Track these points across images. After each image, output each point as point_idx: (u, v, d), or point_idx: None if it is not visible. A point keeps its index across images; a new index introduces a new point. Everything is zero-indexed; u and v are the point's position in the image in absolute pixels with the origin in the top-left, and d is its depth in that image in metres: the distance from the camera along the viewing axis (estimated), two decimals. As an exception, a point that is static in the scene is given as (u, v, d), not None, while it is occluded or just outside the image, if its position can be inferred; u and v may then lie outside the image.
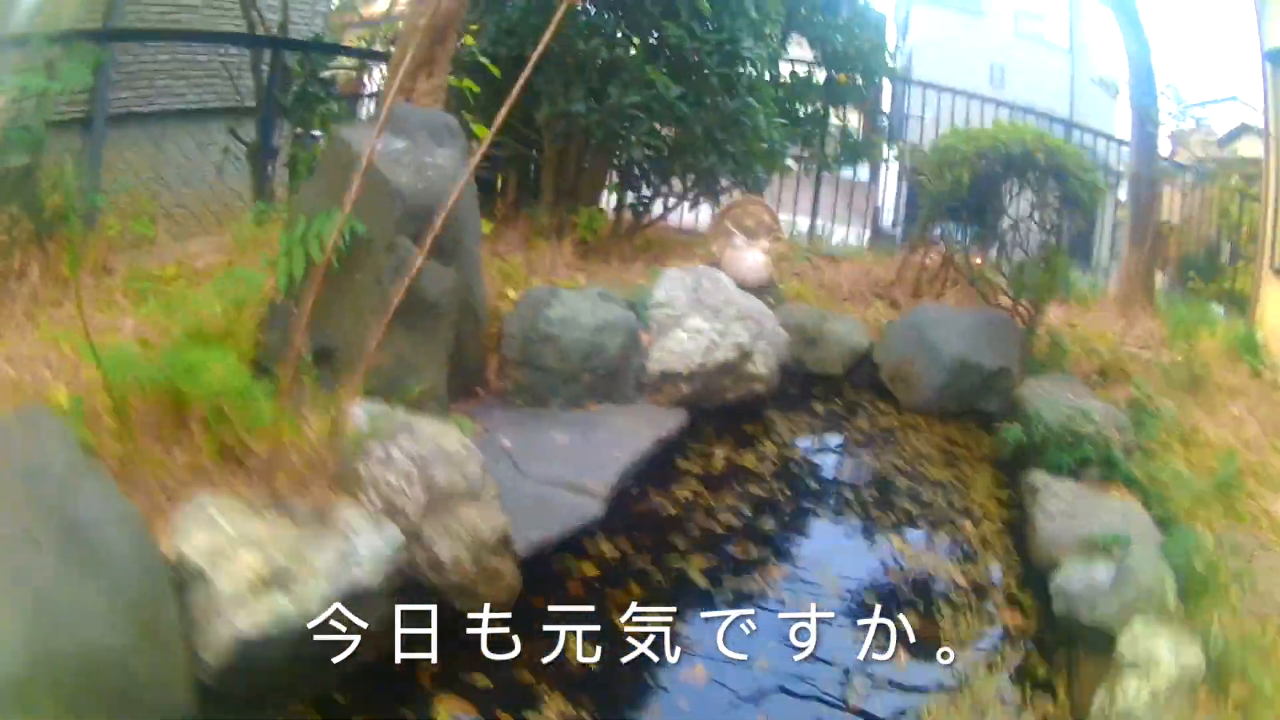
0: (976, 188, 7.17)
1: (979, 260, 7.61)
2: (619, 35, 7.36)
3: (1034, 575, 5.28)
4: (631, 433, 5.78)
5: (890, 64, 9.48)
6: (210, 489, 3.83)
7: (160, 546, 3.43)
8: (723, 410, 6.37)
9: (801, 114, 8.89)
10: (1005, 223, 7.35)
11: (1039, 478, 5.86)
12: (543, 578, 4.58)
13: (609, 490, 5.17)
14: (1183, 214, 10.57)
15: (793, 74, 9.01)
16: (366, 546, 3.82)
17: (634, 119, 7.40)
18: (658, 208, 8.47)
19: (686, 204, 8.42)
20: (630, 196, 8.32)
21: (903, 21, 18.34)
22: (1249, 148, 10.45)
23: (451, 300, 5.46)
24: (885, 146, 9.66)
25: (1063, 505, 5.56)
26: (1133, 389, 6.61)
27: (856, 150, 9.24)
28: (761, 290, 7.11)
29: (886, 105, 10.13)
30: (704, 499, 5.61)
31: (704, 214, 8.68)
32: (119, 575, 3.03)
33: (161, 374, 4.19)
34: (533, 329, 5.93)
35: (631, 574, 4.91)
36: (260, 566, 3.48)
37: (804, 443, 6.48)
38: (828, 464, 6.39)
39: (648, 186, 8.17)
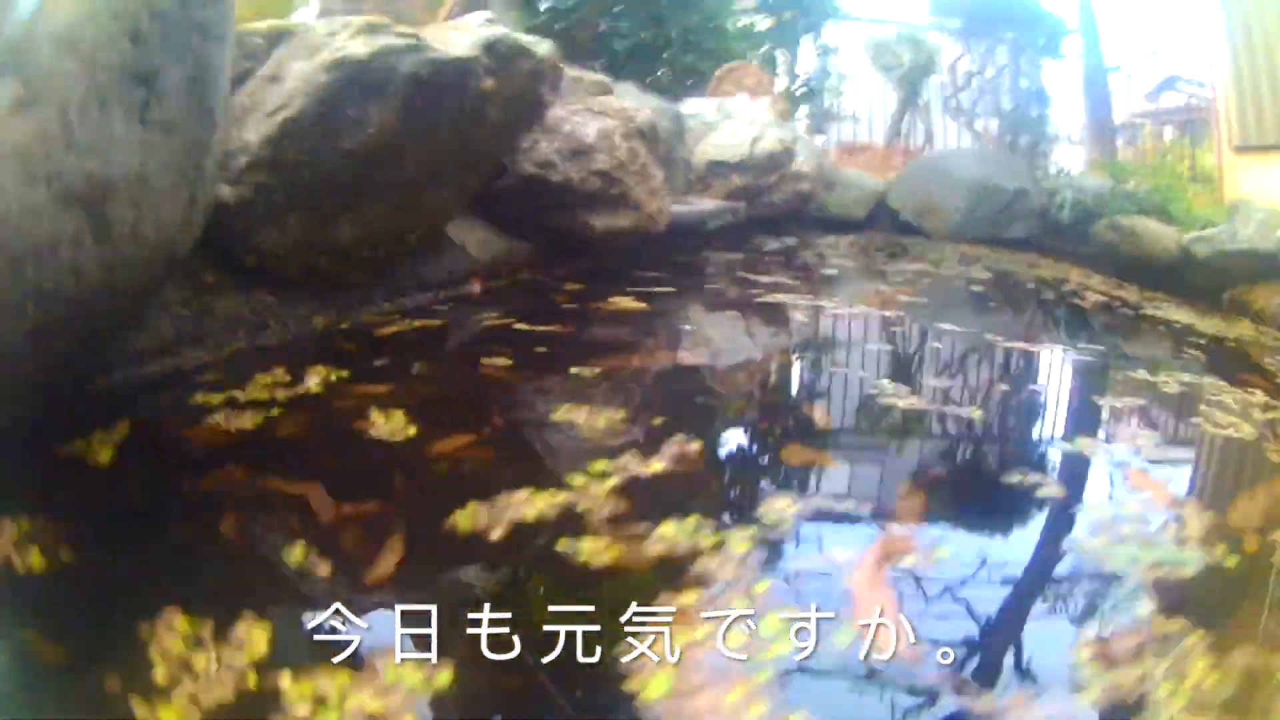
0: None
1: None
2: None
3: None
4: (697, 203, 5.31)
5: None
6: None
7: None
8: (771, 219, 5.99)
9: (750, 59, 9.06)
10: (990, 73, 7.55)
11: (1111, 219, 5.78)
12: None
13: (714, 207, 4.74)
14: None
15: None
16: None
17: (616, 15, 7.30)
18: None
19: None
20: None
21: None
22: (1175, 99, 10.69)
23: None
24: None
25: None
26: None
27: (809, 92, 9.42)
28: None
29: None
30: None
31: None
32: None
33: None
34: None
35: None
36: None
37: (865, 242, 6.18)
38: (899, 248, 6.05)
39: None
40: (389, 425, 1.53)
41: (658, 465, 1.40)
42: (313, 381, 1.77)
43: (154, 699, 0.88)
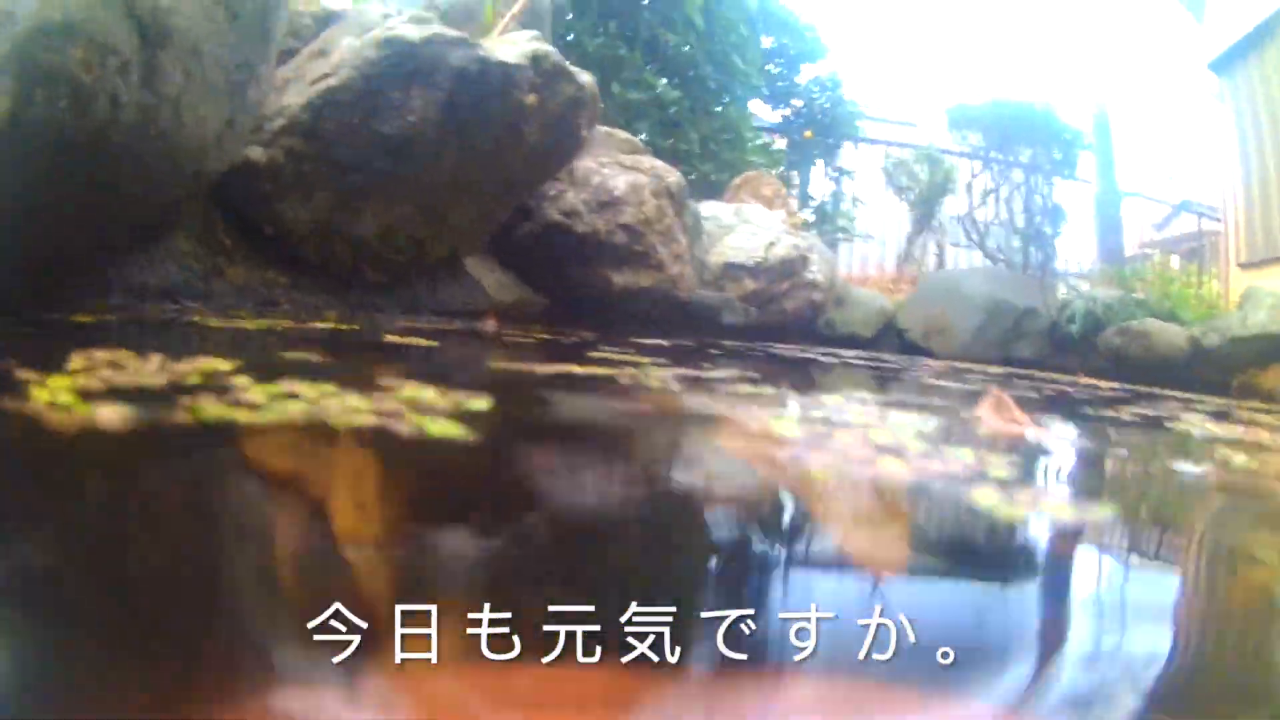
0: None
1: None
2: (620, 38, 7.66)
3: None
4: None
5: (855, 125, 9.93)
6: None
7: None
8: (781, 327, 5.93)
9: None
10: (1005, 191, 7.72)
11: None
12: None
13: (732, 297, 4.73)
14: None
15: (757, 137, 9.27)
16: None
17: (635, 114, 7.53)
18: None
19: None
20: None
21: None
22: (1185, 225, 10.58)
23: None
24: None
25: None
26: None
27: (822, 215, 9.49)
28: (783, 253, 6.94)
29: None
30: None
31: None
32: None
33: None
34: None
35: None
36: None
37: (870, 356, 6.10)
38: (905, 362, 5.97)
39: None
40: (418, 341, 1.39)
41: (716, 373, 1.27)
42: (324, 326, 1.65)
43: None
